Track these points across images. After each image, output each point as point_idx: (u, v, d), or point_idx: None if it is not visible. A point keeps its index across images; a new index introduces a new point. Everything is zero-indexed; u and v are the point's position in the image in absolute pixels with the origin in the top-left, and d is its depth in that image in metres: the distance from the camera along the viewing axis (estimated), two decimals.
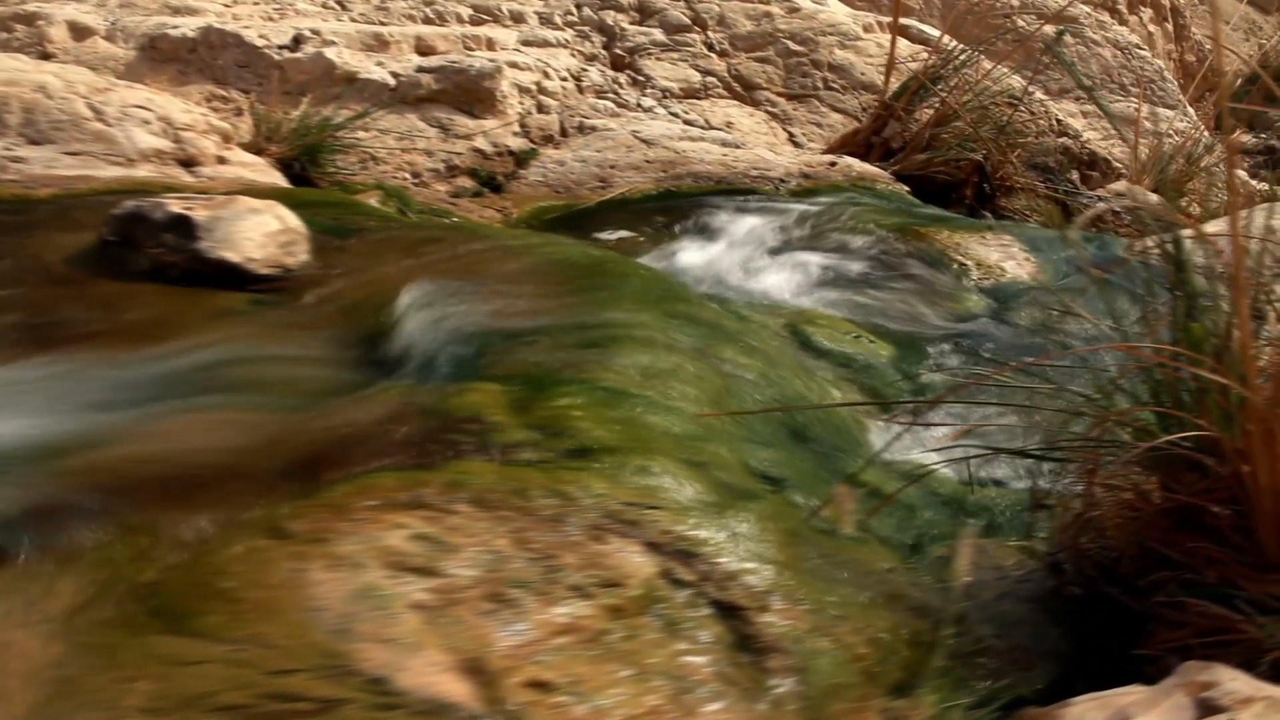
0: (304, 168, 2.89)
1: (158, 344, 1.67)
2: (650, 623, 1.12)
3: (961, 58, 4.16)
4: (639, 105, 4.23)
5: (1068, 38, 4.87)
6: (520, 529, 1.17)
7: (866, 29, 4.69)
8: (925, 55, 4.30)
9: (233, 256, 1.92)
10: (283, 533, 1.08)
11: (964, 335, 2.53)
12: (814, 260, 2.97)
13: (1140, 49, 5.24)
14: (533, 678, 0.98)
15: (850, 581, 1.35)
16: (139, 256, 1.94)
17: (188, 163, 2.64)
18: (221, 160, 2.71)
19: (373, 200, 2.82)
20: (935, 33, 4.63)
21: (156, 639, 0.96)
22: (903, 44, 4.68)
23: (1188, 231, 1.47)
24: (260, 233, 1.97)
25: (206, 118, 2.84)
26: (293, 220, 2.06)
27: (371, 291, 1.90)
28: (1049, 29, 4.69)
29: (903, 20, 4.87)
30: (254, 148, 2.94)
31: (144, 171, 2.51)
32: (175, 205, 1.94)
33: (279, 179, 2.80)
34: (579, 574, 1.13)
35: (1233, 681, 1.03)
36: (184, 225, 1.92)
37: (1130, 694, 1.14)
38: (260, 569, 1.02)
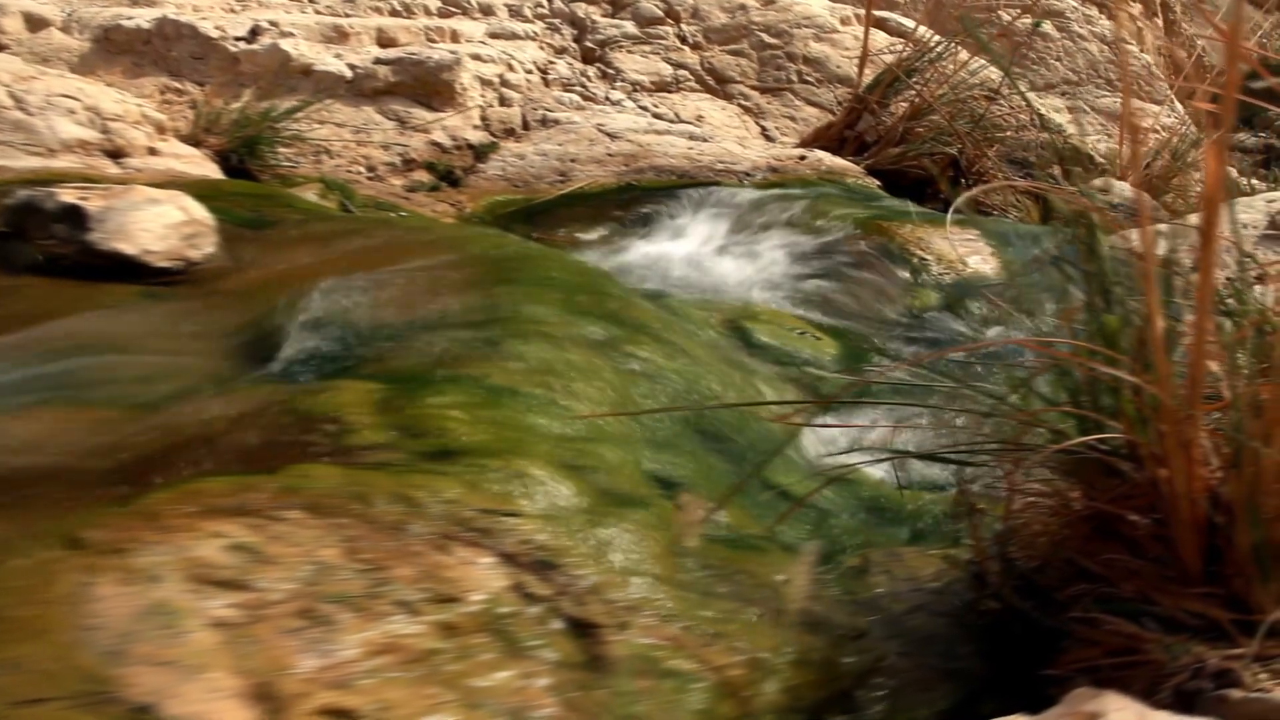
0: (242, 160, 2.81)
1: (29, 338, 1.58)
2: (488, 642, 1.02)
3: (937, 50, 4.05)
4: (607, 98, 4.13)
5: (1049, 29, 4.75)
6: (354, 538, 1.07)
7: (844, 21, 4.58)
8: (902, 48, 4.19)
9: (127, 248, 1.83)
10: (79, 543, 0.99)
11: (913, 331, 2.43)
12: (768, 254, 2.87)
13: (1127, 43, 5.12)
14: (330, 704, 0.89)
15: (737, 595, 1.25)
16: (30, 248, 1.85)
17: (115, 154, 2.55)
18: (152, 151, 2.62)
19: (311, 194, 2.73)
20: (923, 29, 4.52)
21: None
22: (881, 37, 4.57)
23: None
24: (160, 224, 1.88)
25: (141, 108, 2.75)
26: (199, 211, 1.97)
27: (271, 285, 1.81)
28: (1029, 22, 4.57)
29: (882, 13, 4.76)
30: (192, 139, 2.85)
31: (65, 162, 2.43)
32: (68, 195, 1.85)
33: (213, 171, 2.72)
34: (410, 588, 1.03)
35: (1120, 712, 0.93)
36: (76, 216, 1.83)
37: None
38: (43, 583, 0.93)
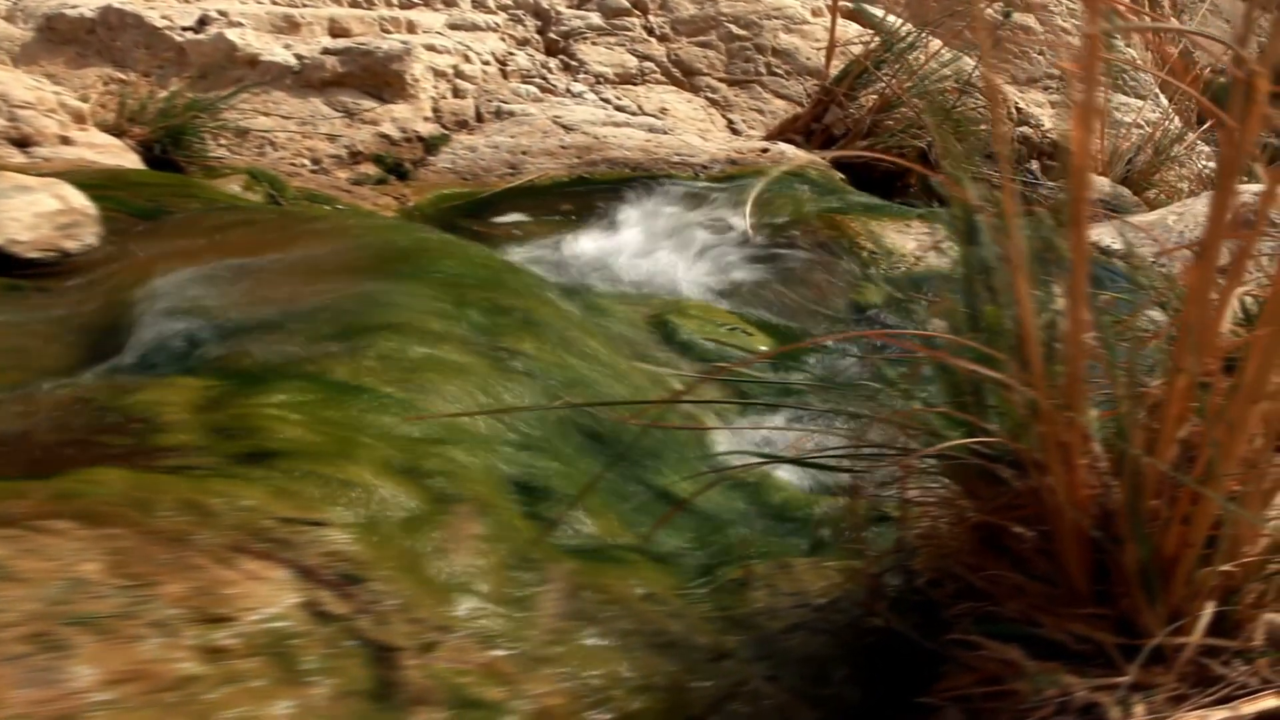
0: (165, 150, 2.71)
1: None
2: (261, 667, 0.92)
3: (907, 40, 3.93)
4: (568, 90, 4.02)
5: (1031, 22, 4.63)
6: (125, 549, 0.97)
7: (815, 13, 4.46)
8: (869, 38, 4.07)
9: None
10: None
11: (853, 327, 2.31)
12: (712, 248, 2.76)
13: (1112, 38, 4.99)
14: None
15: (577, 614, 1.14)
16: None
17: (22, 142, 2.45)
18: (66, 140, 2.53)
19: (234, 186, 2.63)
20: (893, 18, 4.40)
21: None
22: (854, 28, 4.45)
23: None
24: (30, 213, 1.78)
25: (59, 96, 2.65)
26: (78, 200, 1.87)
27: (144, 277, 1.70)
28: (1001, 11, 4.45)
29: (858, 3, 4.64)
30: (116, 129, 2.75)
31: None
32: None
33: (132, 161, 2.62)
34: (174, 606, 0.92)
35: None
36: None
37: None
38: None
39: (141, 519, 1.00)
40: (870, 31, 4.27)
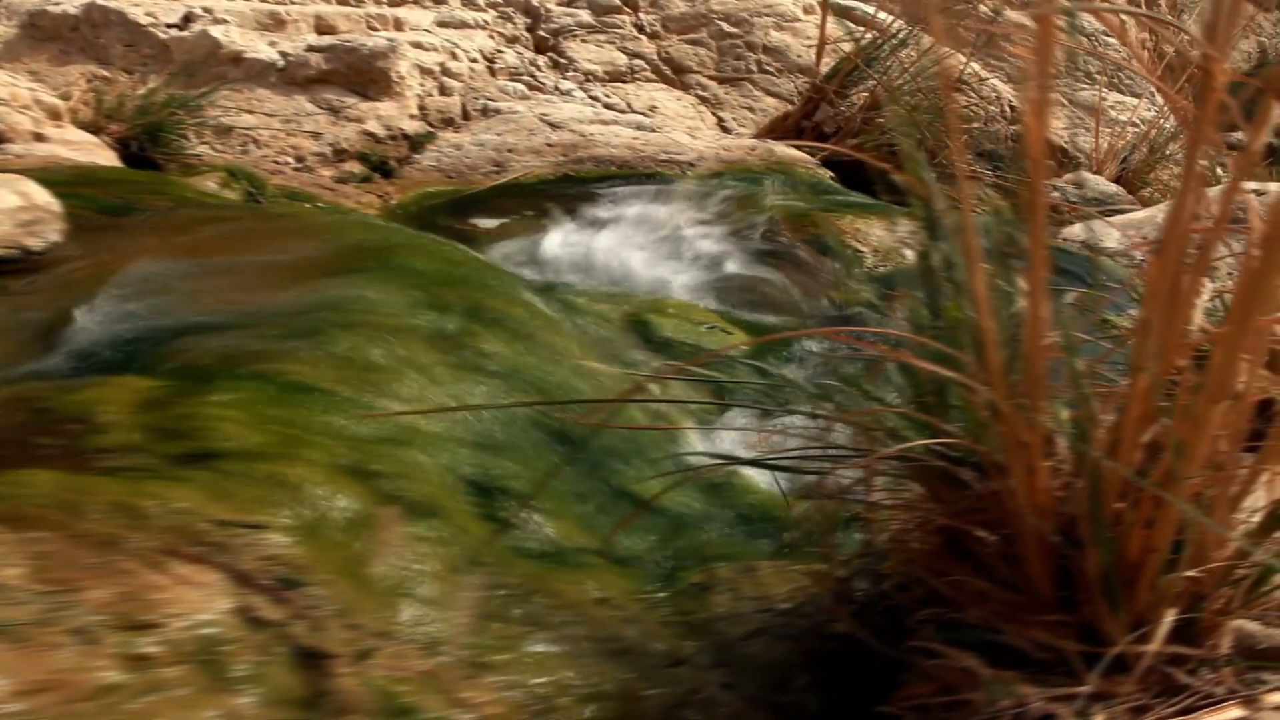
0: (143, 147, 2.68)
1: None
2: (186, 675, 0.88)
3: (899, 36, 3.89)
4: (556, 88, 3.99)
5: (1025, 20, 4.58)
6: (49, 553, 0.94)
7: (806, 10, 4.43)
8: (860, 34, 4.04)
9: None
10: None
11: (835, 326, 2.28)
12: (694, 246, 2.72)
13: (1107, 35, 4.96)
14: None
15: (527, 619, 1.11)
16: None
17: None
18: (39, 137, 2.50)
19: (211, 183, 2.60)
20: (885, 15, 4.36)
21: None
22: (848, 24, 4.42)
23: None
24: None
25: (34, 92, 2.63)
26: (42, 197, 1.84)
27: (101, 274, 1.67)
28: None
29: (849, 1, 4.60)
30: (93, 126, 2.73)
31: None
32: None
33: (108, 158, 2.59)
34: (96, 613, 0.89)
35: None
36: None
37: None
38: None
39: (69, 522, 0.97)
40: (862, 28, 4.23)
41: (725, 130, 4.08)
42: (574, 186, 3.27)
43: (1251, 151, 0.90)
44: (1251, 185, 3.63)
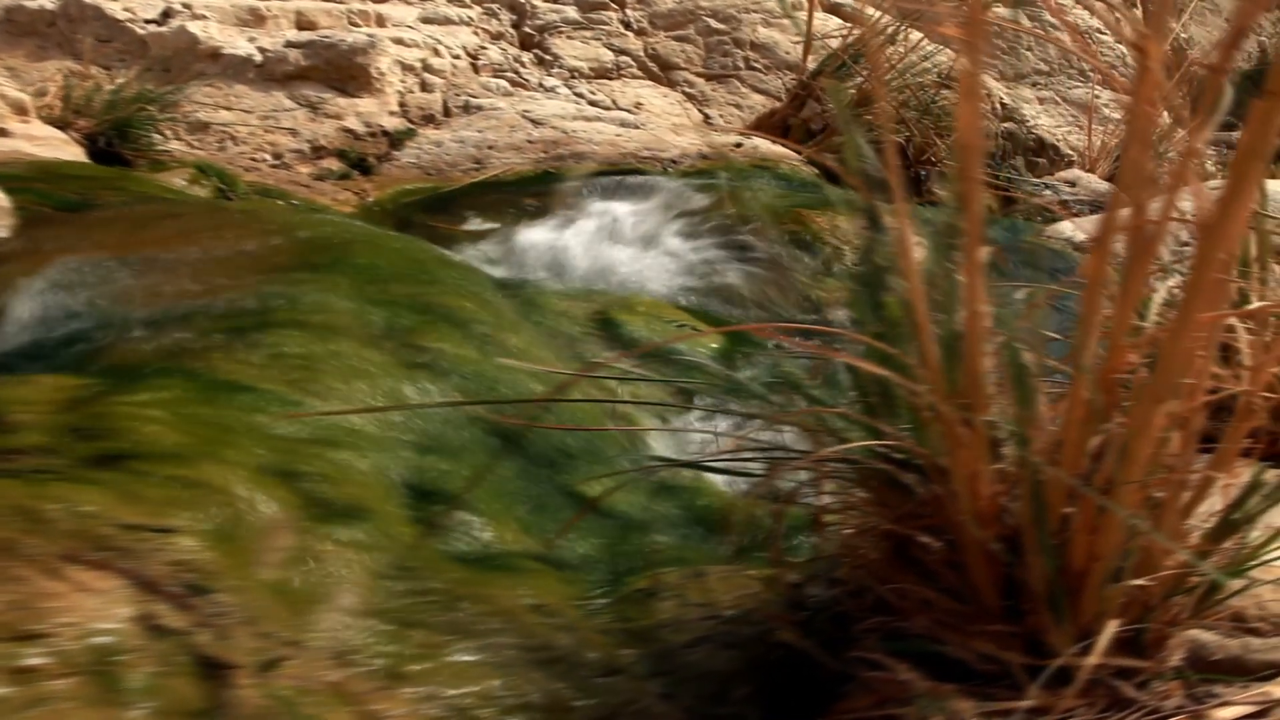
0: (111, 143, 2.64)
1: None
2: (75, 688, 0.84)
3: (887, 32, 3.84)
4: (540, 85, 3.95)
5: (1020, 18, 4.54)
6: None
7: (795, 7, 4.39)
8: (848, 31, 4.00)
9: None
10: None
11: (807, 323, 2.23)
12: (671, 244, 2.68)
13: (1101, 33, 4.90)
14: None
15: (452, 627, 1.07)
16: None
17: None
18: (2, 132, 2.46)
19: (179, 179, 2.56)
20: (874, 11, 4.31)
21: None
22: (836, 22, 4.37)
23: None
24: None
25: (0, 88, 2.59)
26: None
27: (38, 270, 1.63)
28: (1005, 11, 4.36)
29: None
30: (60, 121, 2.69)
31: None
32: None
33: (74, 153, 2.55)
34: None
35: None
36: None
37: None
38: None
39: None
40: (850, 25, 4.19)
41: (711, 127, 4.04)
42: (554, 183, 3.23)
43: (1194, 147, 0.85)
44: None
